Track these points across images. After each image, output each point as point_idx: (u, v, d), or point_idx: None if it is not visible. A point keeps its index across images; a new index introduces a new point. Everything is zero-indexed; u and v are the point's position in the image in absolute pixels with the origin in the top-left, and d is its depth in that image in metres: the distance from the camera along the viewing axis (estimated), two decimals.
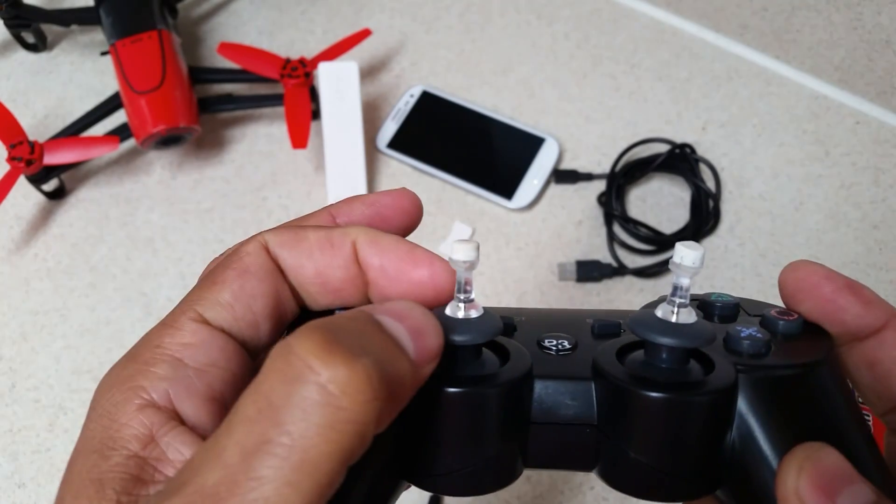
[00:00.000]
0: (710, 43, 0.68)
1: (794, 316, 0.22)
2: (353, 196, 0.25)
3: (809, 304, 0.22)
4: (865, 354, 0.22)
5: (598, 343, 0.22)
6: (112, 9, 0.62)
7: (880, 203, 0.61)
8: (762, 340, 0.21)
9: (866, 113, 0.64)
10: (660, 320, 0.19)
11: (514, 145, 0.63)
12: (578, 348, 0.22)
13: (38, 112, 0.68)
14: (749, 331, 0.21)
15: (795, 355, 0.21)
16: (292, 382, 0.16)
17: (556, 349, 0.22)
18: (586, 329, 0.23)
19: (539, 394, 0.21)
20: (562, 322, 0.24)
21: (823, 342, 0.22)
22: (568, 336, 0.22)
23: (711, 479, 0.21)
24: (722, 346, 0.21)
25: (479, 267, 0.65)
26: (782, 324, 0.22)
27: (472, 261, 0.19)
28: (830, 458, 0.19)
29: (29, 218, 0.63)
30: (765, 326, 0.22)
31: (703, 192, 0.60)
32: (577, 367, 0.21)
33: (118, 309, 0.59)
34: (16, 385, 0.56)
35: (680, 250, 0.19)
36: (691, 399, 0.19)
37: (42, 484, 0.53)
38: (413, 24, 0.70)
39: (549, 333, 0.23)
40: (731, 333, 0.21)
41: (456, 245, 0.19)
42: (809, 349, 0.21)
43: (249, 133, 0.66)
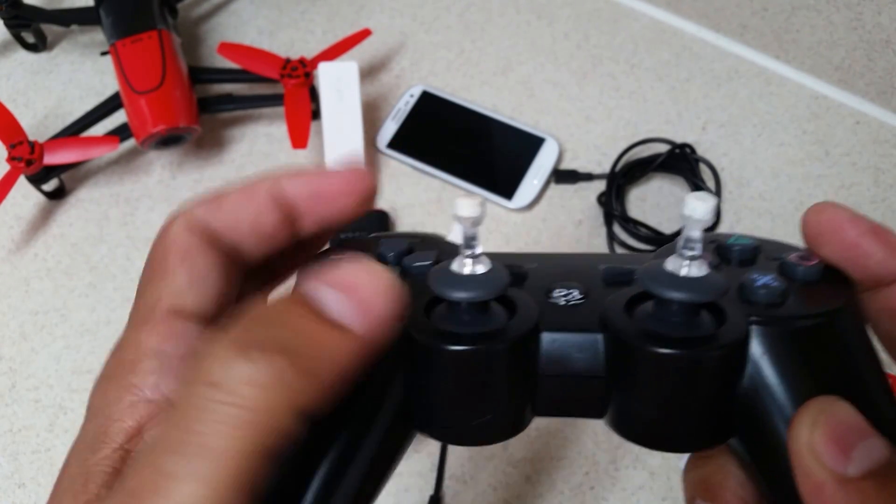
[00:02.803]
0: (710, 43, 0.68)
1: (814, 260, 0.21)
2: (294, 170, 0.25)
3: (832, 247, 0.22)
4: (888, 301, 0.21)
5: (609, 291, 0.22)
6: (112, 9, 0.62)
7: (880, 203, 0.61)
8: (778, 289, 0.20)
9: (866, 113, 0.64)
10: (669, 274, 0.19)
11: (514, 145, 0.63)
12: (588, 298, 0.22)
13: (38, 112, 0.68)
14: (765, 279, 0.20)
15: (812, 304, 0.20)
16: (194, 384, 0.17)
17: (566, 299, 0.22)
18: (598, 276, 0.22)
19: (546, 346, 0.20)
20: (574, 269, 0.23)
21: (843, 289, 0.21)
22: (579, 285, 0.22)
23: (722, 430, 0.20)
24: (737, 294, 0.20)
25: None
26: (801, 269, 0.21)
27: (475, 217, 0.19)
28: (845, 412, 0.18)
29: (29, 218, 0.63)
30: (783, 272, 0.21)
31: None
32: (585, 319, 0.21)
33: (118, 309, 0.59)
34: (16, 385, 0.57)
35: (690, 202, 0.18)
36: (699, 355, 0.19)
37: (42, 484, 0.53)
38: (413, 24, 0.70)
39: (559, 282, 0.22)
40: (745, 282, 0.20)
41: (459, 201, 0.19)
42: (827, 297, 0.21)
43: (249, 133, 0.66)
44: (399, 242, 0.24)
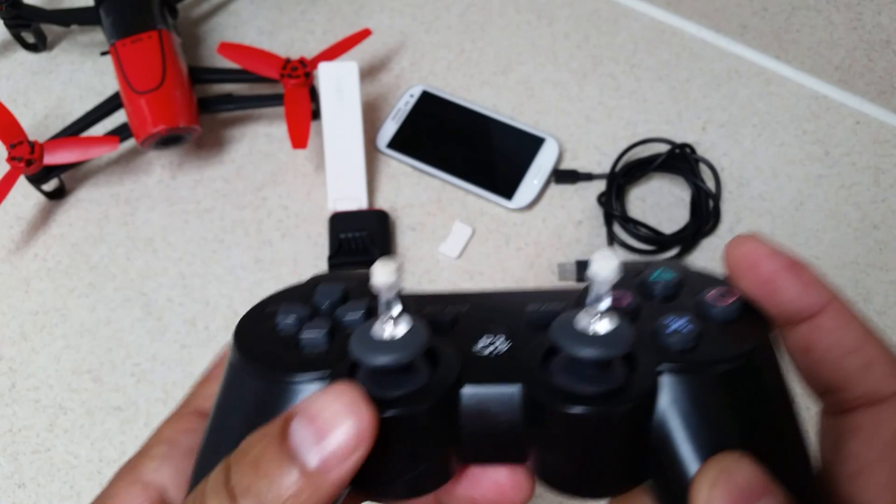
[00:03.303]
0: (710, 43, 0.68)
1: (732, 298, 0.21)
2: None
3: (748, 281, 0.22)
4: (801, 339, 0.22)
5: (534, 336, 0.22)
6: (112, 9, 0.62)
7: (880, 203, 0.61)
8: (690, 334, 0.20)
9: (866, 113, 0.64)
10: (578, 331, 0.19)
11: (514, 145, 0.63)
12: (513, 346, 0.22)
13: (38, 112, 0.68)
14: (677, 323, 0.21)
15: (725, 347, 0.20)
16: None
17: (490, 350, 0.22)
18: (524, 320, 0.23)
19: (466, 399, 0.21)
20: (502, 312, 0.24)
21: (759, 328, 0.21)
22: (504, 331, 0.23)
23: (637, 474, 0.21)
24: (650, 338, 0.21)
25: (479, 267, 0.64)
26: (717, 310, 0.21)
27: (391, 283, 0.19)
28: (745, 471, 0.18)
29: (29, 218, 0.63)
30: (700, 311, 0.22)
31: (703, 192, 0.60)
32: (505, 371, 0.21)
33: (118, 309, 0.59)
34: (16, 385, 0.57)
35: (596, 262, 0.18)
36: (607, 412, 0.19)
37: (42, 484, 0.53)
38: (413, 24, 0.70)
39: (485, 329, 0.23)
40: (658, 328, 0.21)
41: (376, 267, 0.19)
42: (742, 338, 0.21)
43: (249, 133, 0.66)
44: (333, 290, 0.24)
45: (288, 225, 0.62)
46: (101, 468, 0.53)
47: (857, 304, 0.57)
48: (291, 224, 0.62)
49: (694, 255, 0.59)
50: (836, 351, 0.21)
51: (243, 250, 0.61)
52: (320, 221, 0.61)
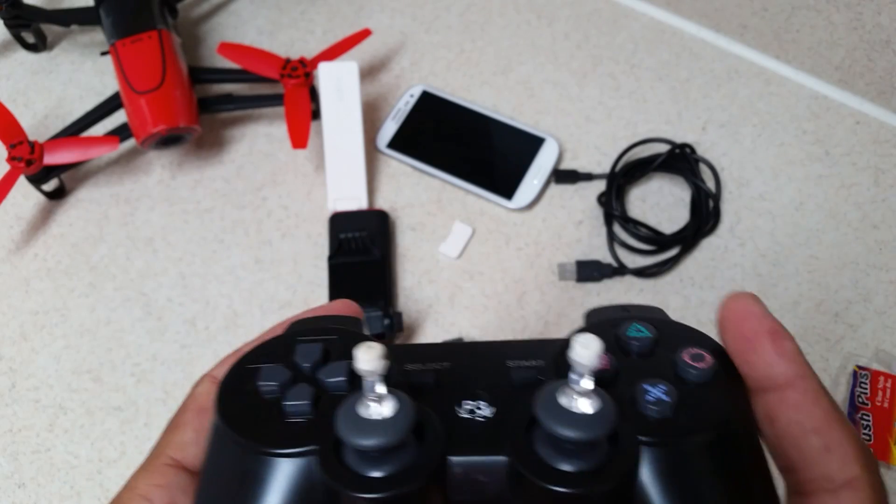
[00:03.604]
0: (710, 43, 0.68)
1: (707, 362, 0.22)
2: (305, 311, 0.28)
3: (730, 335, 0.22)
4: (768, 407, 0.22)
5: (517, 396, 0.22)
6: (112, 9, 0.62)
7: (880, 203, 0.61)
8: (669, 404, 0.21)
9: (866, 113, 0.64)
10: (560, 409, 0.19)
11: (514, 145, 0.63)
12: (496, 412, 0.22)
13: (38, 112, 0.68)
14: (656, 392, 0.21)
15: (703, 416, 0.21)
16: None
17: (474, 415, 0.22)
18: (507, 379, 0.23)
19: (454, 470, 0.21)
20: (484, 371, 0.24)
21: (734, 393, 0.22)
22: (487, 394, 0.23)
23: None
24: (629, 404, 0.21)
25: (479, 267, 0.64)
26: (693, 372, 0.22)
27: (377, 370, 0.19)
28: None
29: (29, 218, 0.63)
30: (676, 371, 0.22)
31: (703, 192, 0.60)
32: (491, 440, 0.22)
33: (118, 309, 0.59)
34: (16, 385, 0.57)
35: (576, 349, 0.19)
36: (589, 491, 0.20)
37: (42, 484, 0.53)
38: (413, 24, 0.70)
39: (468, 391, 0.23)
40: (637, 395, 0.21)
41: (359, 353, 0.19)
42: (719, 404, 0.21)
43: (249, 133, 0.66)
44: (313, 350, 0.24)
45: (288, 225, 0.62)
46: (101, 468, 0.53)
47: (856, 304, 0.57)
48: (291, 224, 0.62)
49: (694, 254, 0.59)
50: (799, 428, 0.21)
51: (243, 250, 0.61)
52: (320, 221, 0.61)
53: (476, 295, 0.58)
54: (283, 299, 0.59)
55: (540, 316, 0.57)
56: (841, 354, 0.55)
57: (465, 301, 0.58)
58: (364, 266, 0.58)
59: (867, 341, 0.55)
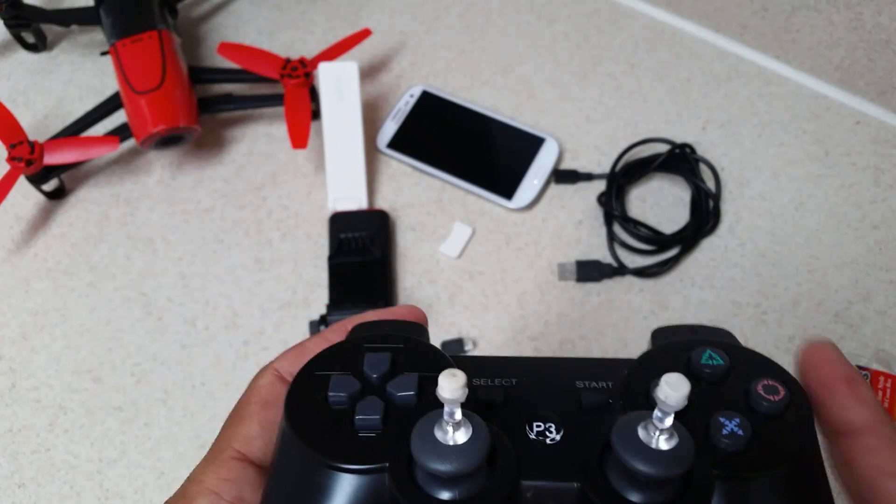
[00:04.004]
0: (710, 43, 0.68)
1: (780, 395, 0.22)
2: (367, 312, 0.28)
3: (808, 378, 0.23)
4: (844, 451, 0.22)
5: (586, 419, 0.23)
6: (112, 9, 0.62)
7: (880, 203, 0.61)
8: (742, 438, 0.21)
9: (866, 113, 0.64)
10: (639, 444, 0.19)
11: (514, 145, 0.63)
12: (565, 433, 0.22)
13: (38, 112, 0.68)
14: (730, 425, 0.21)
15: (775, 450, 0.21)
16: None
17: (544, 437, 0.22)
18: (575, 400, 0.23)
19: (524, 493, 0.21)
20: (551, 391, 0.24)
21: (804, 425, 0.22)
22: (556, 416, 0.23)
23: None
24: (702, 433, 0.21)
25: (479, 267, 0.64)
26: (765, 405, 0.22)
27: (457, 399, 0.19)
28: None
29: (29, 218, 0.63)
30: (748, 402, 0.22)
31: (703, 192, 0.60)
32: (562, 465, 0.22)
33: (118, 309, 0.59)
34: (16, 385, 0.57)
35: (664, 389, 0.19)
36: None
37: (42, 484, 0.53)
38: (413, 24, 0.70)
39: (536, 412, 0.23)
40: (711, 427, 0.21)
41: (444, 380, 0.19)
42: (790, 437, 0.22)
43: (249, 133, 0.66)
44: (381, 361, 0.24)
45: (288, 225, 0.62)
46: (101, 468, 0.53)
47: (856, 304, 0.57)
48: (291, 224, 0.62)
49: (694, 254, 0.59)
50: (876, 471, 0.22)
51: (243, 250, 0.61)
52: (320, 221, 0.61)
53: (476, 295, 0.58)
54: (283, 299, 0.59)
55: (540, 316, 0.57)
56: None
57: (465, 301, 0.58)
58: (364, 266, 0.58)
59: (867, 341, 0.55)
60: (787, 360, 0.24)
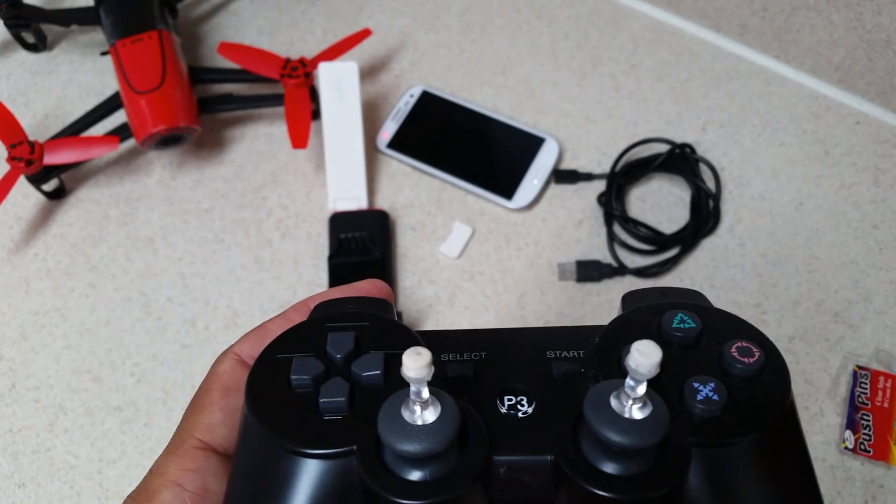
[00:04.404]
0: (710, 43, 0.68)
1: (755, 356, 0.22)
2: (329, 289, 0.27)
3: None
4: None
5: (559, 389, 0.22)
6: (112, 9, 0.62)
7: (880, 203, 0.61)
8: (718, 403, 0.20)
9: (866, 113, 0.64)
10: (612, 414, 0.19)
11: (514, 145, 0.63)
12: (537, 406, 0.22)
13: (38, 112, 0.68)
14: (705, 391, 0.21)
15: (752, 414, 0.21)
16: None
17: (516, 410, 0.22)
18: (547, 372, 0.23)
19: (497, 469, 0.21)
20: (522, 362, 0.23)
21: (780, 386, 0.21)
22: (527, 388, 0.22)
23: None
24: (677, 399, 0.21)
25: (479, 267, 0.64)
26: (740, 367, 0.21)
27: (423, 378, 0.19)
28: None
29: (29, 218, 0.63)
30: (722, 366, 0.22)
31: (703, 192, 0.60)
32: (535, 438, 0.21)
33: (118, 309, 0.59)
34: (16, 385, 0.57)
35: (635, 357, 0.18)
36: (640, 497, 0.19)
37: (42, 484, 0.53)
38: (413, 24, 0.70)
39: (508, 384, 0.22)
40: (686, 392, 0.21)
41: (407, 358, 0.18)
42: (766, 400, 0.21)
43: (249, 133, 0.66)
44: (345, 340, 0.23)
45: (288, 225, 0.62)
46: (101, 468, 0.53)
47: (856, 304, 0.58)
48: (291, 224, 0.62)
49: (694, 254, 0.59)
50: None
51: (243, 250, 0.61)
52: (320, 221, 0.61)
53: (476, 295, 0.58)
54: (283, 299, 0.59)
55: (540, 316, 0.57)
56: (841, 354, 0.55)
57: (465, 301, 0.58)
58: (364, 266, 0.58)
59: (867, 341, 0.55)
60: (787, 360, 0.23)
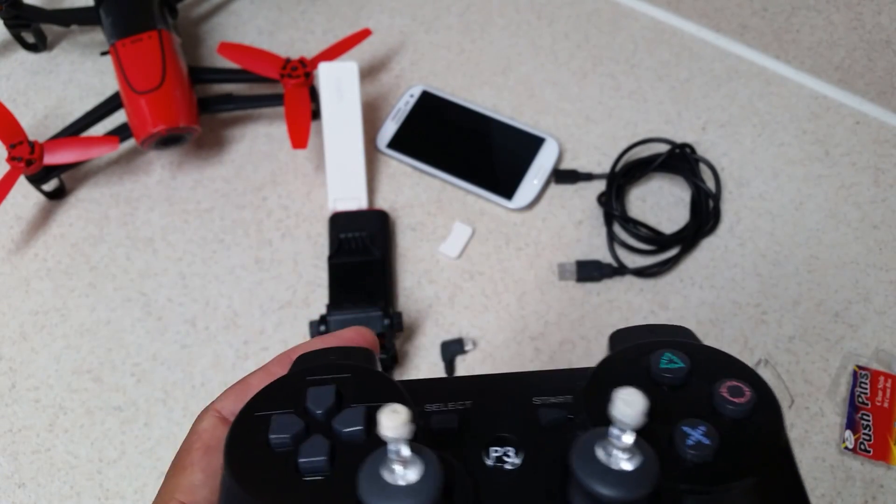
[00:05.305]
0: (710, 43, 0.68)
1: (746, 396, 0.21)
2: (313, 339, 0.26)
3: None
4: None
5: (546, 438, 0.22)
6: (112, 9, 0.62)
7: (880, 203, 0.61)
8: (709, 448, 0.20)
9: (866, 113, 0.64)
10: (600, 466, 0.18)
11: (514, 145, 0.63)
12: (525, 457, 0.21)
13: (38, 112, 0.68)
14: (696, 434, 0.20)
15: (745, 458, 0.20)
16: None
17: (503, 463, 0.21)
18: (534, 419, 0.22)
19: None
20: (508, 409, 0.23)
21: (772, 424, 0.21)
22: (514, 438, 0.22)
23: None
24: (667, 445, 0.20)
25: (479, 267, 0.64)
26: (731, 408, 0.21)
27: (401, 437, 0.18)
28: None
29: (29, 218, 0.63)
30: (713, 407, 0.21)
31: (703, 192, 0.60)
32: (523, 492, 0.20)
33: (118, 309, 0.59)
34: (16, 385, 0.57)
35: (619, 406, 0.18)
36: None
37: (42, 484, 0.53)
38: (413, 24, 0.70)
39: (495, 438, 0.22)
40: (675, 437, 0.20)
41: (383, 417, 0.18)
42: (759, 441, 0.20)
43: (249, 133, 0.66)
44: (325, 394, 0.22)
45: (288, 225, 0.62)
46: (101, 468, 0.53)
47: (856, 304, 0.58)
48: (291, 224, 0.62)
49: (694, 254, 0.59)
50: None
51: (243, 250, 0.61)
52: (320, 221, 0.61)
53: (476, 295, 0.58)
54: (283, 299, 0.59)
55: (540, 316, 0.57)
56: (841, 354, 0.55)
57: (465, 301, 0.58)
58: (364, 266, 0.58)
59: (867, 341, 0.55)
60: (787, 360, 0.23)
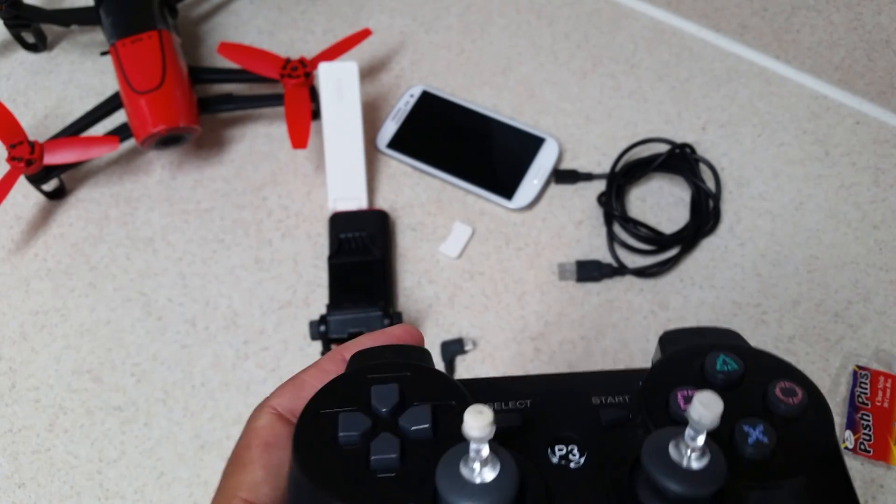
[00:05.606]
0: (710, 43, 0.68)
1: (798, 396, 0.22)
2: (362, 337, 0.27)
3: None
4: None
5: (607, 438, 0.22)
6: (112, 9, 0.62)
7: (880, 203, 0.61)
8: (767, 446, 0.21)
9: (866, 113, 0.64)
10: (673, 464, 0.19)
11: (514, 145, 0.63)
12: (589, 455, 0.22)
13: (38, 112, 0.68)
14: (755, 434, 0.21)
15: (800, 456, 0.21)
16: None
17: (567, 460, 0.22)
18: (594, 419, 0.23)
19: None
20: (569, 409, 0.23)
21: (825, 429, 0.22)
22: (577, 437, 0.23)
23: None
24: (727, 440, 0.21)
25: (479, 267, 0.64)
26: (784, 407, 0.22)
27: (486, 437, 0.19)
28: None
29: (29, 218, 0.63)
30: (767, 407, 0.22)
31: (703, 192, 0.60)
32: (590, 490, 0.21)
33: (118, 309, 0.59)
34: (16, 385, 0.57)
35: (698, 408, 0.18)
36: None
37: (42, 484, 0.53)
38: (413, 24, 0.70)
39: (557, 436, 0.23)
40: (736, 435, 0.21)
41: (469, 417, 0.18)
42: (811, 444, 0.21)
43: (249, 133, 0.66)
44: (389, 393, 0.23)
45: (288, 225, 0.62)
46: (101, 468, 0.53)
47: (856, 304, 0.58)
48: (291, 224, 0.62)
49: (694, 254, 0.59)
50: None
51: (243, 250, 0.61)
52: (320, 221, 0.61)
53: (476, 295, 0.58)
54: (283, 299, 0.59)
55: (540, 316, 0.57)
56: (841, 354, 0.55)
57: (465, 301, 0.58)
58: (364, 266, 0.58)
59: (867, 341, 0.55)
60: (786, 360, 0.23)
